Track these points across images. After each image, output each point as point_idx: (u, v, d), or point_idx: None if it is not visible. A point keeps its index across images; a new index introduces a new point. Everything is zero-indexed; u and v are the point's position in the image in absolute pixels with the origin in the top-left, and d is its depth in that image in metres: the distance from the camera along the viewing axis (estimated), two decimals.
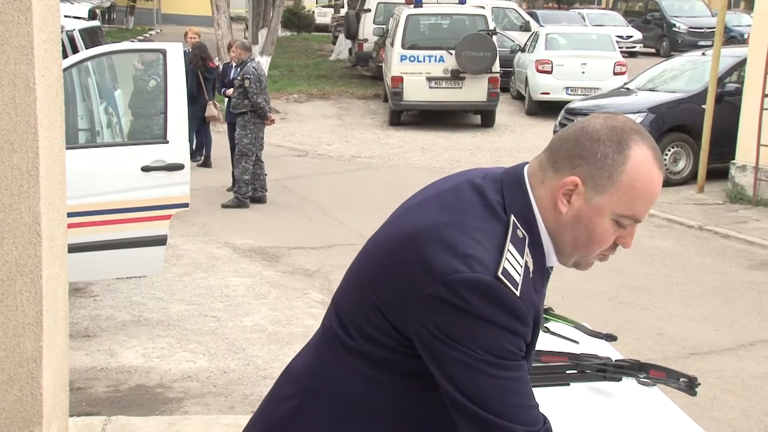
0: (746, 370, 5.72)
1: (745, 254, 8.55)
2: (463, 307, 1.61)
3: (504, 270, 1.62)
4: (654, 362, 2.42)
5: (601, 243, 1.73)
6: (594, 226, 1.71)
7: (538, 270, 1.73)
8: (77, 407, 4.59)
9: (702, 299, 7.15)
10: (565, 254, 1.77)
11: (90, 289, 6.81)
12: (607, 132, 1.69)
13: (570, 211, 1.71)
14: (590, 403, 2.33)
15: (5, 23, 2.97)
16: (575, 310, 3.06)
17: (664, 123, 11.68)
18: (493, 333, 1.62)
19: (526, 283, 1.66)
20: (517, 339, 1.64)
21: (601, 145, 1.69)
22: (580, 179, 1.70)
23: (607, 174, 1.68)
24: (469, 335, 1.62)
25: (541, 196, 1.75)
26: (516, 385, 1.64)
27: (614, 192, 1.68)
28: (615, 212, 1.70)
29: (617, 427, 2.21)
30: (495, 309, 1.61)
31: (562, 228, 1.74)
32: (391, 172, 12.43)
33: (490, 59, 15.82)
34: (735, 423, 4.94)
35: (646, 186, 1.69)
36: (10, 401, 3.16)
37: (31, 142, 3.06)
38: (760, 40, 10.32)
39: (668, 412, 2.33)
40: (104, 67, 7.00)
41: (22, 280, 3.11)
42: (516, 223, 1.71)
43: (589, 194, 1.70)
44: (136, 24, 36.03)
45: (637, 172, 1.68)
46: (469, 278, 1.61)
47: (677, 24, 29.93)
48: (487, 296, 1.61)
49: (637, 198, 1.69)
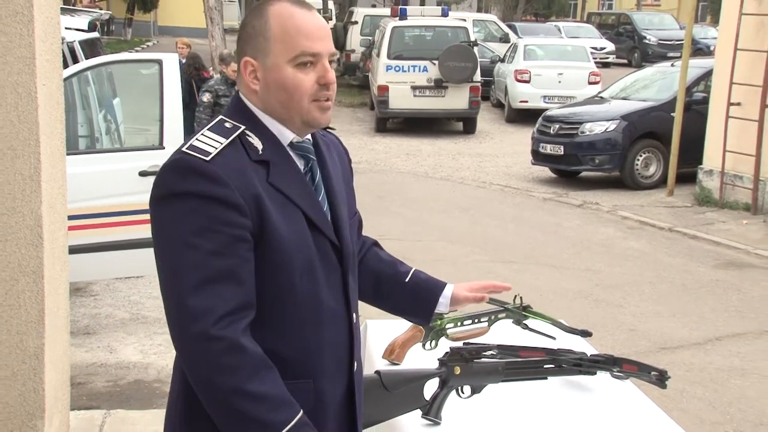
0: (713, 363, 5.74)
1: (712, 254, 8.59)
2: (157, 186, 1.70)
3: (190, 146, 1.70)
4: (627, 357, 2.43)
5: (300, 90, 1.75)
6: (283, 81, 1.74)
7: (273, 147, 1.76)
8: (78, 401, 4.57)
9: (671, 297, 7.18)
10: (289, 120, 1.78)
11: (90, 288, 6.77)
12: (250, 13, 1.82)
13: (261, 86, 1.77)
14: (567, 396, 2.34)
15: (8, 35, 2.97)
16: (553, 308, 3.07)
17: (635, 130, 11.73)
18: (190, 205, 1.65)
19: (234, 158, 1.69)
20: (215, 205, 1.64)
21: (247, 24, 1.80)
22: (250, 57, 1.77)
23: (262, 38, 1.75)
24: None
25: (244, 91, 1.81)
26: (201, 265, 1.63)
27: (275, 45, 1.74)
28: (288, 59, 1.74)
29: (592, 418, 2.22)
30: (185, 177, 1.66)
31: (267, 103, 1.78)
32: (377, 176, 12.42)
33: (471, 69, 15.87)
34: (702, 413, 4.95)
35: (295, 23, 1.74)
36: (13, 396, 3.14)
37: (33, 149, 3.05)
38: (725, 52, 10.38)
39: (640, 404, 2.34)
40: (103, 77, 6.98)
41: (25, 280, 3.10)
42: (224, 119, 1.77)
43: (262, 62, 1.76)
44: (133, 35, 35.94)
45: (280, 18, 1.74)
46: (166, 162, 1.72)
47: (648, 36, 30.13)
48: (175, 168, 1.68)
49: (294, 37, 1.73)
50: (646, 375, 2.38)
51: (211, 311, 1.59)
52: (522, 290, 2.97)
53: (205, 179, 1.64)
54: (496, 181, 12.29)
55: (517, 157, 13.88)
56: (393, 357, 2.49)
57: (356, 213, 2.01)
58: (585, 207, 10.73)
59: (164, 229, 1.67)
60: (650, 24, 31.49)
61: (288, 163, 1.78)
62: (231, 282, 1.62)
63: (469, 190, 11.75)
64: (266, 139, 1.76)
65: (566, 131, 11.91)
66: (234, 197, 1.64)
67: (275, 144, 1.77)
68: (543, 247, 8.74)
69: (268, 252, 1.68)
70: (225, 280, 1.62)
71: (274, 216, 1.69)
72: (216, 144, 1.70)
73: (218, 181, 1.64)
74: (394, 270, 2.12)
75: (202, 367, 1.62)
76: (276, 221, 1.69)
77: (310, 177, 1.82)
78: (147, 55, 6.83)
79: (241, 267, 1.64)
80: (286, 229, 1.70)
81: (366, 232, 2.15)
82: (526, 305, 2.70)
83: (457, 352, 2.17)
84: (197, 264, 1.61)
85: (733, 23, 10.22)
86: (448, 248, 8.57)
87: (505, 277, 7.55)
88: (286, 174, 1.75)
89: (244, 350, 1.60)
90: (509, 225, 9.72)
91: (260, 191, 1.68)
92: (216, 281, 1.61)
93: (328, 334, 1.76)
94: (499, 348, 2.29)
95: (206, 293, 1.60)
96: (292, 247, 1.70)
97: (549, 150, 12.05)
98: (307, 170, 1.82)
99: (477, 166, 13.46)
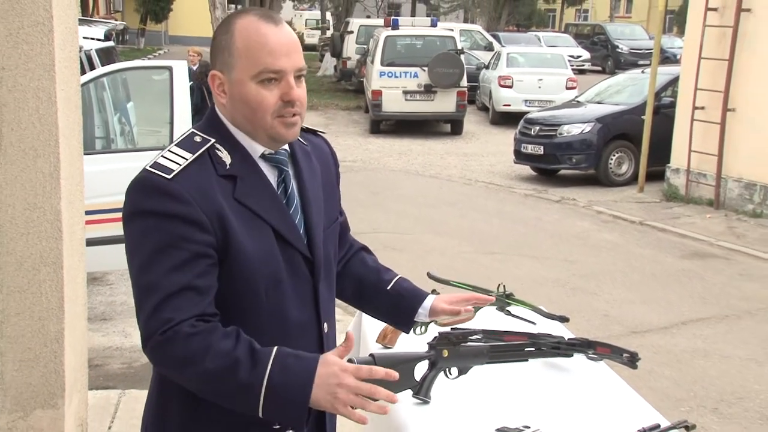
0: (678, 345, 5.76)
1: (679, 246, 8.61)
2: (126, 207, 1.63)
3: (155, 164, 1.61)
4: (600, 340, 2.43)
5: (262, 107, 1.63)
6: (246, 97, 1.64)
7: (242, 160, 1.67)
8: (95, 382, 4.56)
9: (641, 285, 7.20)
10: (255, 134, 1.68)
11: (106, 278, 6.76)
12: (219, 26, 1.70)
13: (228, 100, 1.67)
14: (546, 376, 2.34)
15: (30, 44, 2.96)
16: (533, 296, 3.07)
17: (609, 131, 11.74)
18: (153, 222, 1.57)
19: (199, 174, 1.60)
20: (177, 223, 1.56)
21: (216, 37, 1.69)
22: (217, 71, 1.67)
23: (227, 52, 1.65)
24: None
25: (216, 103, 1.72)
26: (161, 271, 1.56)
27: (239, 61, 1.63)
28: (251, 75, 1.63)
29: (569, 397, 2.22)
30: (148, 195, 1.58)
31: (234, 117, 1.68)
32: (371, 174, 12.41)
33: (458, 75, 15.85)
34: (668, 391, 4.97)
35: (259, 40, 1.62)
36: (36, 376, 3.14)
37: (52, 149, 3.05)
38: (690, 61, 10.40)
39: (613, 383, 2.35)
40: (118, 82, 6.95)
41: (46, 270, 3.10)
42: (194, 132, 1.68)
43: (228, 77, 1.65)
44: (146, 44, 35.85)
45: (244, 33, 1.63)
46: (132, 180, 1.63)
47: (620, 46, 30.18)
48: (139, 187, 1.60)
49: (256, 53, 1.62)
50: (618, 357, 2.38)
51: (162, 321, 1.53)
52: (505, 279, 2.97)
53: (167, 198, 1.56)
54: (481, 179, 12.30)
55: (501, 156, 13.88)
56: (386, 341, 2.48)
57: (340, 216, 1.93)
58: (563, 202, 10.75)
59: (131, 244, 1.61)
60: (622, 34, 31.51)
61: (257, 176, 1.68)
62: (190, 295, 1.55)
63: (456, 187, 11.74)
64: (236, 152, 1.67)
65: (546, 133, 11.91)
66: (195, 214, 1.56)
67: (245, 157, 1.67)
68: (524, 240, 8.75)
69: (233, 266, 1.61)
70: (183, 294, 1.55)
71: (238, 231, 1.60)
72: (180, 161, 1.61)
73: (179, 200, 1.56)
74: (378, 277, 2.04)
75: (168, 369, 1.59)
76: (240, 236, 1.60)
77: (282, 189, 1.72)
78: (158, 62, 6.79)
79: (201, 281, 1.56)
80: (251, 244, 1.62)
81: (360, 225, 2.15)
82: (509, 293, 2.69)
83: (445, 337, 2.16)
84: (159, 279, 1.55)
85: (697, 34, 10.25)
86: (437, 240, 8.57)
87: (489, 267, 7.57)
88: (254, 188, 1.66)
89: (191, 338, 1.53)
90: (493, 219, 9.72)
91: (224, 207, 1.60)
92: (175, 295, 1.54)
93: (296, 347, 1.62)
94: (484, 333, 2.29)
95: (166, 308, 1.54)
96: (256, 262, 1.62)
97: (530, 150, 12.05)
98: (280, 182, 1.72)
99: (463, 164, 13.45)
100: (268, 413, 1.55)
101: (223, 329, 1.56)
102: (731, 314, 6.45)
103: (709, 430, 4.49)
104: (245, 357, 1.53)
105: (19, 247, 3.06)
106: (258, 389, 1.52)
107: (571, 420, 2.07)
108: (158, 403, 1.76)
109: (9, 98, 2.96)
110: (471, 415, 2.08)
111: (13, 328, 3.09)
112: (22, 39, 2.95)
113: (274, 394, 1.53)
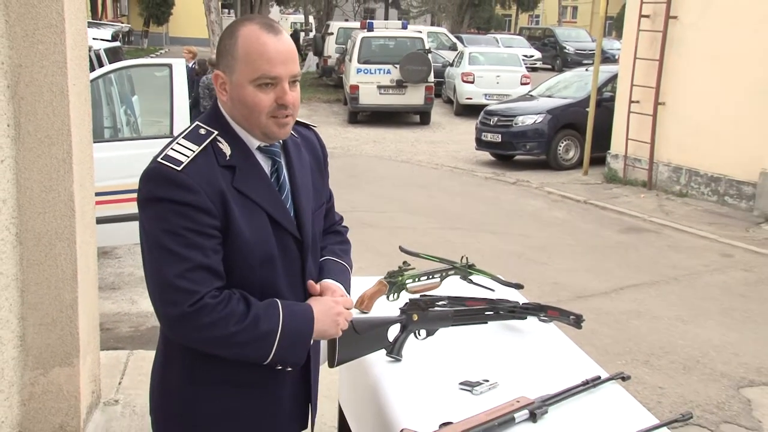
0: (617, 308, 5.83)
1: (617, 222, 8.69)
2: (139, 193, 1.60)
3: (165, 155, 1.58)
4: (550, 304, 2.45)
5: (258, 108, 1.62)
6: (244, 98, 1.62)
7: (241, 152, 1.65)
8: (107, 343, 4.53)
9: (585, 256, 7.26)
10: (250, 130, 1.66)
11: (115, 252, 6.69)
12: (225, 30, 1.67)
13: (228, 98, 1.65)
14: (503, 337, 2.35)
15: (45, 43, 2.94)
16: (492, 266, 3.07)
17: (558, 122, 11.79)
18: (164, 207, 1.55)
19: (204, 164, 1.59)
20: (187, 209, 1.55)
21: (222, 40, 1.66)
22: (220, 71, 1.65)
23: (230, 56, 1.62)
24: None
25: (219, 99, 1.69)
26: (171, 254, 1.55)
27: (240, 65, 1.61)
28: (250, 80, 1.60)
29: (524, 354, 2.24)
30: (161, 185, 1.56)
31: (234, 113, 1.66)
32: (350, 159, 12.36)
33: (426, 72, 15.81)
34: (608, 348, 5.03)
35: (259, 49, 1.60)
36: (54, 339, 3.14)
37: (65, 137, 3.03)
38: (627, 60, 10.46)
39: (560, 342, 2.37)
40: (124, 78, 6.86)
41: (61, 245, 3.08)
42: (199, 125, 1.66)
43: (229, 77, 1.63)
44: (149, 45, 35.43)
45: (246, 41, 1.60)
46: (145, 170, 1.60)
47: (567, 47, 30.22)
48: (152, 177, 1.58)
49: (256, 61, 1.60)
50: (566, 318, 2.40)
51: (187, 293, 1.54)
52: (467, 251, 2.98)
53: (179, 188, 1.55)
54: (446, 163, 12.30)
55: (464, 143, 13.88)
56: (363, 307, 2.48)
57: (327, 202, 1.92)
58: (518, 184, 10.79)
59: (146, 226, 1.59)
60: (569, 37, 31.56)
61: (254, 167, 1.67)
62: (202, 270, 1.55)
63: (424, 171, 11.74)
64: (235, 144, 1.65)
65: (503, 123, 11.93)
66: (203, 202, 1.56)
67: (243, 149, 1.66)
68: (484, 217, 8.78)
69: (232, 246, 1.60)
70: (199, 269, 1.55)
71: (237, 216, 1.60)
72: (188, 153, 1.59)
73: (189, 189, 1.55)
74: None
75: (193, 335, 1.58)
76: (239, 220, 1.60)
77: (275, 177, 1.71)
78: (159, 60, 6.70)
79: (212, 258, 1.57)
80: (248, 227, 1.61)
81: (340, 204, 2.13)
82: (471, 264, 2.70)
83: (415, 303, 2.17)
84: (173, 257, 1.54)
85: (632, 38, 10.30)
86: (408, 218, 8.57)
87: (454, 241, 7.59)
88: (251, 177, 1.65)
89: (216, 307, 1.55)
90: (457, 198, 9.74)
91: (226, 194, 1.59)
92: (192, 271, 1.54)
93: None
94: (449, 299, 2.30)
95: (181, 281, 1.54)
96: (252, 243, 1.62)
97: (489, 138, 12.06)
98: (273, 171, 1.71)
99: (431, 151, 13.44)
100: (277, 355, 1.60)
101: (235, 296, 1.59)
102: (661, 280, 6.53)
103: (642, 379, 4.56)
104: (262, 312, 1.59)
105: (37, 225, 3.05)
106: (274, 336, 1.59)
107: (524, 374, 2.08)
108: (164, 362, 1.76)
109: (26, 92, 2.95)
110: (437, 371, 2.09)
111: (33, 296, 3.09)
112: (38, 39, 2.93)
113: (287, 337, 1.61)
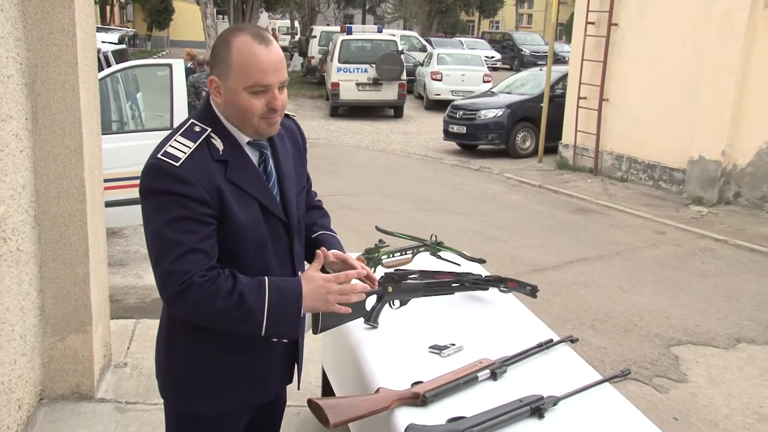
0: (567, 279, 5.88)
1: (568, 204, 8.76)
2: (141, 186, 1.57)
3: (165, 152, 1.55)
4: (509, 277, 2.47)
5: (250, 111, 1.59)
6: (238, 103, 1.59)
7: (232, 147, 1.62)
8: (116, 313, 4.50)
9: (540, 234, 7.31)
10: (243, 129, 1.64)
11: (122, 232, 6.62)
12: (219, 38, 1.62)
13: (222, 100, 1.62)
14: (468, 306, 2.38)
15: (58, 46, 2.94)
16: (458, 243, 3.09)
17: (516, 115, 11.81)
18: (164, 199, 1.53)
19: (200, 159, 1.56)
20: (185, 200, 1.52)
21: (216, 48, 1.61)
22: (215, 76, 1.61)
23: (224, 64, 1.58)
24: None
25: (212, 99, 1.66)
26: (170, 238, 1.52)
27: (234, 73, 1.57)
28: (244, 87, 1.57)
29: (486, 321, 2.26)
30: (161, 179, 1.52)
31: (227, 113, 1.62)
32: (331, 149, 12.30)
33: (399, 71, 15.74)
34: (560, 314, 5.09)
35: (251, 58, 1.55)
36: (69, 309, 3.16)
37: (77, 129, 3.01)
38: (576, 62, 10.49)
39: (518, 310, 2.39)
40: (129, 77, 6.75)
41: (74, 226, 3.08)
42: (194, 122, 1.62)
43: (223, 83, 1.60)
44: (152, 47, 34.90)
45: (240, 51, 1.56)
46: (146, 164, 1.57)
47: (523, 49, 30.24)
48: (152, 172, 1.54)
49: (249, 70, 1.56)
50: (523, 289, 2.42)
51: (180, 274, 1.51)
52: (436, 230, 2.99)
53: (177, 182, 1.52)
54: (417, 152, 12.29)
55: (433, 135, 13.86)
56: None
57: (307, 182, 1.89)
58: (481, 171, 10.82)
59: (149, 215, 1.56)
60: (525, 41, 31.59)
61: (244, 160, 1.64)
62: (198, 254, 1.53)
63: (398, 159, 11.72)
64: (227, 140, 1.62)
65: (468, 116, 11.93)
66: (199, 193, 1.53)
67: (234, 144, 1.63)
68: (451, 200, 8.80)
69: (228, 233, 1.59)
70: (193, 253, 1.52)
71: (233, 206, 1.58)
72: (185, 149, 1.56)
73: (187, 183, 1.52)
74: (309, 229, 1.92)
75: (187, 310, 1.55)
76: (234, 209, 1.58)
77: (263, 167, 1.68)
78: (161, 60, 6.60)
79: (205, 243, 1.55)
80: (242, 215, 1.60)
81: (322, 189, 2.12)
82: (440, 241, 2.72)
83: (390, 276, 2.18)
84: (174, 243, 1.52)
85: (580, 41, 10.33)
86: (383, 201, 8.57)
87: (424, 221, 7.61)
88: (242, 170, 1.62)
89: (202, 285, 1.52)
90: (427, 183, 9.75)
91: (221, 186, 1.57)
92: (187, 253, 1.51)
93: None
94: (420, 272, 2.31)
95: (180, 263, 1.51)
96: (246, 229, 1.61)
97: (455, 130, 12.07)
98: (261, 162, 1.68)
99: (404, 141, 13.42)
100: (269, 329, 1.56)
101: (223, 274, 1.56)
102: (604, 255, 6.61)
103: (588, 341, 4.63)
104: (247, 290, 1.54)
105: (53, 208, 3.05)
106: (261, 312, 1.54)
107: (486, 338, 2.11)
108: (167, 330, 1.75)
109: (42, 89, 2.95)
110: (410, 336, 2.10)
111: (50, 271, 3.10)
112: (52, 42, 2.93)
113: (274, 312, 1.55)
